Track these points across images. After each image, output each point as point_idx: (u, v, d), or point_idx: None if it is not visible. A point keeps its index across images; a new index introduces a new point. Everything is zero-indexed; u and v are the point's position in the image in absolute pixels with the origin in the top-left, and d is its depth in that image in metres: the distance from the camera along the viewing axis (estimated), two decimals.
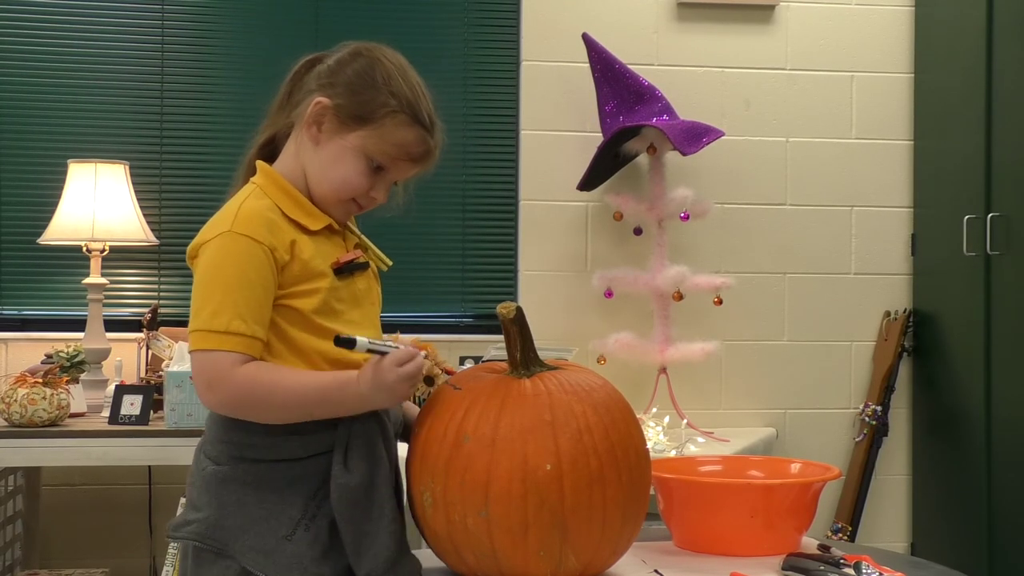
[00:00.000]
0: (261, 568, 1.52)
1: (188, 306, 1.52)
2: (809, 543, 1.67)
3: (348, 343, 1.47)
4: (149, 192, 3.36)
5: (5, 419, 2.70)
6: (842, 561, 1.46)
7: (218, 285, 1.51)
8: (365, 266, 1.65)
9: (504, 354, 1.55)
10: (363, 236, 1.72)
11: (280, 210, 1.58)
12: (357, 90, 1.60)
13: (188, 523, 1.56)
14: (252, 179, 1.66)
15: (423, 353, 1.52)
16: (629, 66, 3.26)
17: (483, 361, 2.55)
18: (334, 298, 1.57)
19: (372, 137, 1.59)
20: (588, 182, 3.32)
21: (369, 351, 1.49)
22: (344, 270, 1.59)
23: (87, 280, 3.10)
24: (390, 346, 1.51)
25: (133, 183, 3.17)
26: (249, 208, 1.57)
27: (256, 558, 1.52)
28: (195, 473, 1.60)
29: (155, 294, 3.39)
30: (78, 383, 2.91)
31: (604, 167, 3.32)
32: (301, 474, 1.54)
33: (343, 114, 1.60)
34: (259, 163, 1.67)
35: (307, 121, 1.62)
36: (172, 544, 2.83)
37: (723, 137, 3.20)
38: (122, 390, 2.80)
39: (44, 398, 2.68)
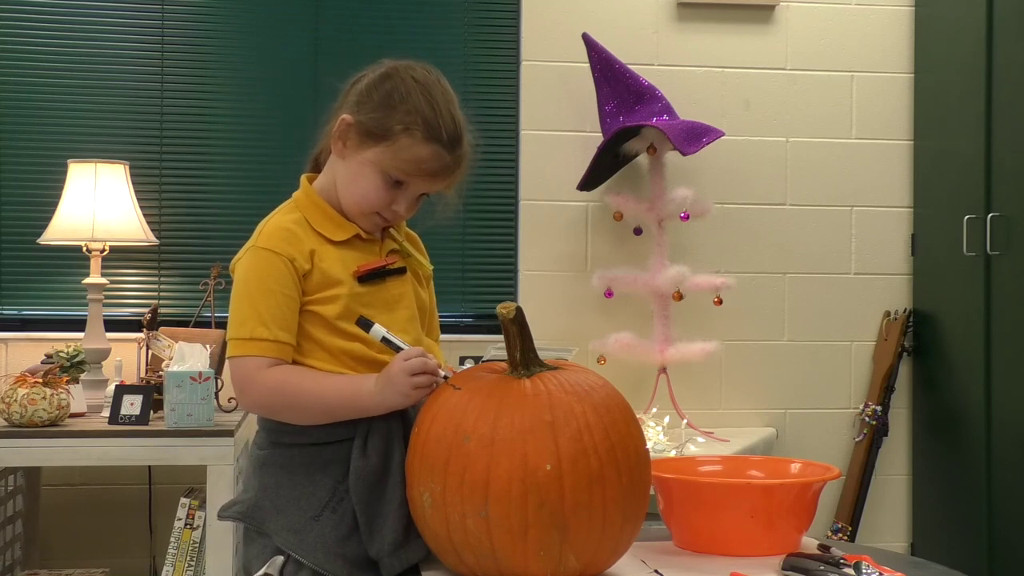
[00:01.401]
0: (290, 546, 1.63)
1: (187, 306, 1.56)
2: (809, 543, 1.67)
3: (366, 325, 1.61)
4: (149, 192, 3.36)
5: (5, 419, 2.70)
6: (842, 561, 1.45)
7: (244, 297, 1.65)
8: (400, 272, 1.74)
9: (504, 354, 1.56)
10: (405, 243, 1.80)
11: (307, 222, 1.70)
12: (376, 107, 1.67)
13: (235, 504, 1.72)
14: (294, 193, 1.78)
15: (432, 359, 1.58)
16: (629, 66, 3.26)
17: (483, 361, 2.55)
18: (359, 303, 1.67)
19: (387, 153, 1.66)
20: (588, 182, 3.32)
21: (383, 340, 1.61)
22: (369, 277, 1.69)
23: (87, 280, 3.10)
24: (404, 345, 1.61)
25: (133, 183, 3.17)
26: (273, 224, 1.71)
27: (287, 537, 1.64)
28: (247, 458, 1.77)
29: (155, 294, 3.39)
30: (78, 383, 2.91)
31: (604, 167, 3.32)
32: (329, 459, 1.65)
33: (362, 131, 1.67)
34: (303, 177, 1.79)
35: (333, 137, 1.71)
36: (172, 544, 2.84)
37: (723, 137, 3.20)
38: (122, 390, 2.80)
39: (44, 398, 2.68)
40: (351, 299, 1.66)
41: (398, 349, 1.61)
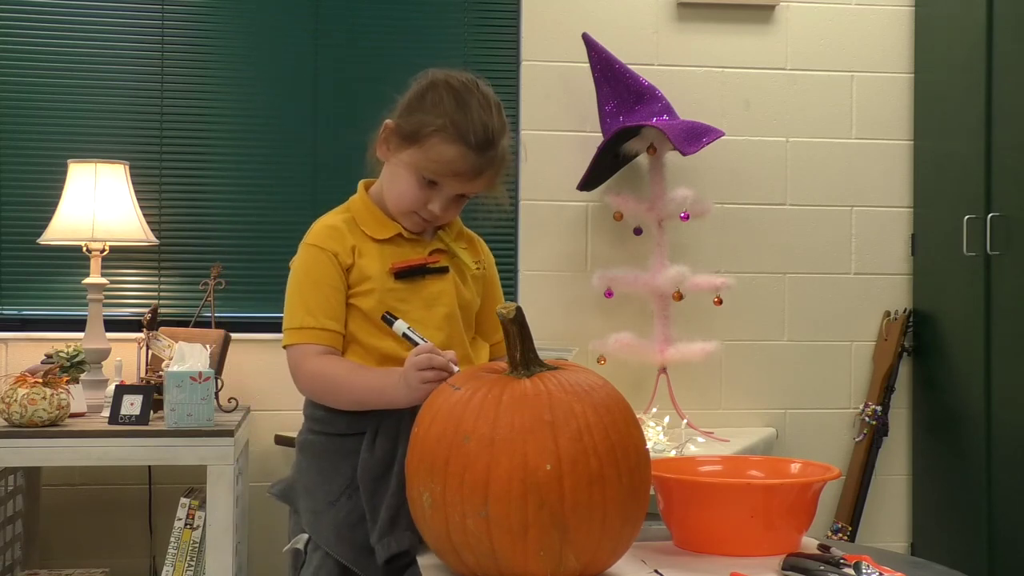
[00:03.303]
0: (309, 526, 1.78)
1: (187, 306, 1.58)
2: (809, 543, 1.67)
3: (389, 320, 1.72)
4: (149, 192, 3.36)
5: (5, 419, 2.70)
6: (842, 561, 1.45)
7: (294, 290, 1.79)
8: (441, 271, 1.83)
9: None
10: (454, 242, 1.88)
11: (355, 221, 1.82)
12: (411, 111, 1.78)
13: (278, 483, 1.90)
14: (352, 196, 1.90)
15: (451, 355, 1.65)
16: (629, 66, 3.26)
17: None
18: (394, 299, 1.78)
19: (418, 154, 1.76)
20: (588, 182, 3.32)
21: (403, 335, 1.71)
22: (406, 273, 1.79)
23: (87, 280, 3.10)
24: (422, 341, 1.69)
25: (133, 183, 3.17)
26: (322, 222, 1.84)
27: (309, 518, 1.78)
28: None
29: (155, 294, 3.39)
30: (78, 383, 2.90)
31: (604, 167, 3.32)
32: (350, 449, 1.75)
33: (400, 134, 1.78)
34: (360, 182, 1.90)
35: (379, 141, 1.83)
36: (172, 544, 2.84)
37: (723, 137, 3.20)
38: (122, 390, 2.80)
39: (44, 398, 2.68)
40: (384, 294, 1.77)
41: (416, 345, 1.68)
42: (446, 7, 3.53)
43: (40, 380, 2.72)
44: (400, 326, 1.71)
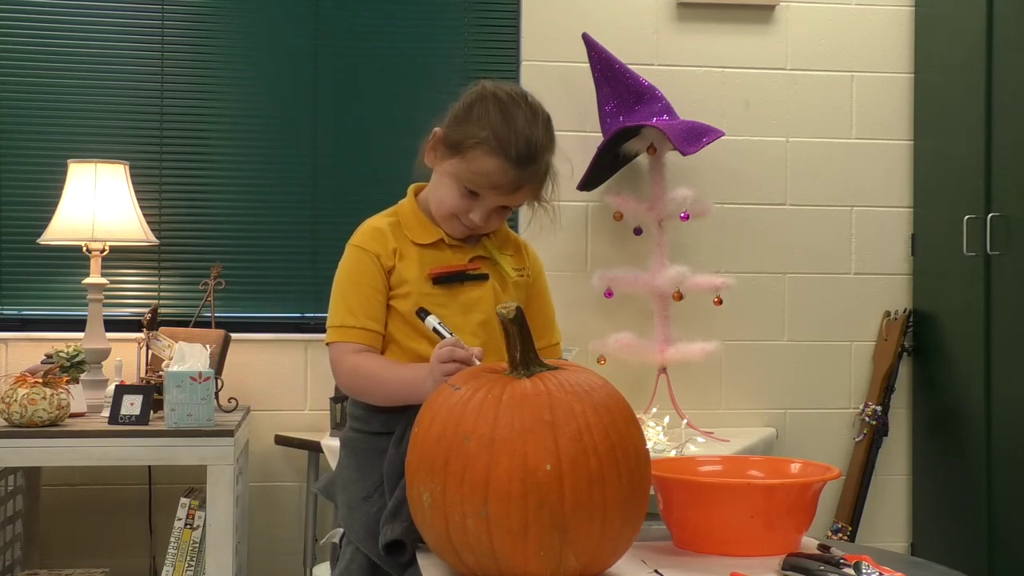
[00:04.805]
0: (344, 521, 1.81)
1: (187, 306, 1.57)
2: (809, 543, 1.67)
3: (422, 315, 1.77)
4: (149, 192, 3.36)
5: (5, 419, 2.70)
6: (842, 561, 1.45)
7: (337, 289, 1.84)
8: (480, 277, 1.85)
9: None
10: (496, 250, 1.90)
11: (400, 224, 1.86)
12: (458, 122, 1.82)
13: (321, 479, 1.97)
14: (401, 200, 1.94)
15: (477, 351, 1.67)
16: (629, 66, 3.26)
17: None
18: (431, 303, 1.80)
19: (461, 164, 1.79)
20: (588, 182, 3.32)
21: (433, 330, 1.74)
22: (443, 279, 1.82)
23: (87, 280, 3.10)
24: (449, 335, 1.72)
25: (133, 183, 3.17)
26: (367, 224, 1.88)
27: (344, 512, 1.81)
28: None
29: (155, 294, 3.39)
30: (78, 383, 2.90)
31: (604, 167, 3.32)
32: (384, 447, 1.79)
33: (447, 143, 1.82)
34: (410, 187, 1.93)
35: (427, 147, 1.86)
36: (172, 544, 2.84)
37: (723, 137, 3.20)
38: (122, 390, 2.80)
39: (44, 398, 2.68)
40: (421, 298, 1.80)
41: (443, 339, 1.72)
42: (446, 7, 3.53)
43: (40, 380, 2.72)
44: (431, 321, 1.75)
